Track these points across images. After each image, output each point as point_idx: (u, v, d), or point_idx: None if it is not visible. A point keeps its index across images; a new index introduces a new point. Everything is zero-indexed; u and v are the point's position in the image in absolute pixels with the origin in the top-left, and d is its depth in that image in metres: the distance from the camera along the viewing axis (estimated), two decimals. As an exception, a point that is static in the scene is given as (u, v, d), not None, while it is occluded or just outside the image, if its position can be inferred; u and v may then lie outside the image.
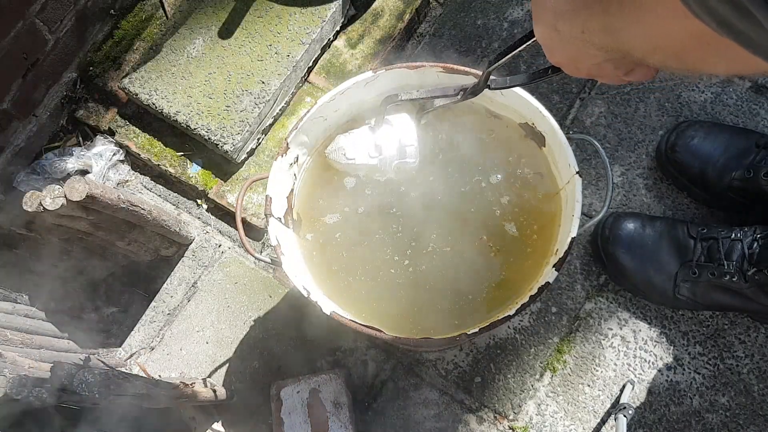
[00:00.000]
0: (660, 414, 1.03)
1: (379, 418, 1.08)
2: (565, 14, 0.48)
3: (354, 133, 0.90)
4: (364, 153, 0.88)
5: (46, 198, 0.91)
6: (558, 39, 0.51)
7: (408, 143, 0.88)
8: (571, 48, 0.50)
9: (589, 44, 0.47)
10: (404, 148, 0.88)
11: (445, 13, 1.33)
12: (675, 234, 1.02)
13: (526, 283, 0.87)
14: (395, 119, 0.89)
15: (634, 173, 1.16)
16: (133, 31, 1.33)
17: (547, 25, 0.51)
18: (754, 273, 0.93)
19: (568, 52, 0.52)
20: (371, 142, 0.88)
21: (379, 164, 0.89)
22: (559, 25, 0.49)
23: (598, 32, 0.44)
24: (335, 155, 0.89)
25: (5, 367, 0.81)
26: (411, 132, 0.89)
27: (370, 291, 0.91)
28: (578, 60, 0.51)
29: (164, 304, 1.20)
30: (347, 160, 0.88)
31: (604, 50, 0.46)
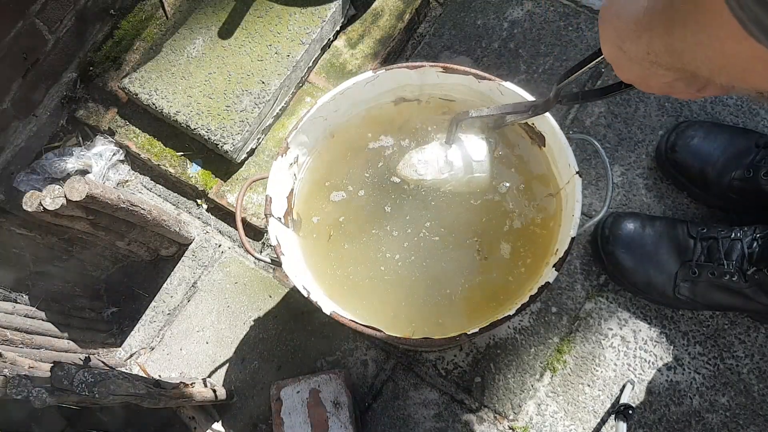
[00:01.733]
0: (660, 414, 1.03)
1: (379, 418, 1.08)
2: (629, 35, 0.48)
3: (426, 150, 0.91)
4: (435, 169, 0.90)
5: (46, 198, 0.91)
6: (625, 58, 0.51)
7: (478, 158, 0.89)
8: (639, 68, 0.50)
9: (656, 64, 0.47)
10: (474, 164, 0.89)
11: (445, 13, 1.33)
12: (675, 234, 1.02)
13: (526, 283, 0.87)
14: (465, 135, 0.90)
15: (634, 173, 1.16)
16: (133, 31, 1.33)
17: (612, 44, 0.52)
18: (754, 272, 0.93)
19: (636, 72, 0.52)
20: (442, 158, 0.89)
21: (450, 179, 0.90)
22: (624, 45, 0.50)
23: (663, 53, 0.44)
24: (407, 171, 0.90)
25: (5, 367, 0.81)
26: (481, 147, 0.89)
27: (370, 290, 0.91)
28: (648, 78, 0.51)
29: (164, 304, 1.20)
30: (418, 176, 0.90)
31: (673, 70, 0.46)
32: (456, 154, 0.89)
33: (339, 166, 0.97)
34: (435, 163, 0.90)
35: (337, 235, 0.94)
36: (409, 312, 0.90)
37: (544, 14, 1.28)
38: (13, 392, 0.76)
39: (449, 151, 0.90)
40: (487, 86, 0.86)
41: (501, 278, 0.90)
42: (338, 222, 0.95)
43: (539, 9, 1.29)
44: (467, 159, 0.89)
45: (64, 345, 1.05)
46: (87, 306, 1.18)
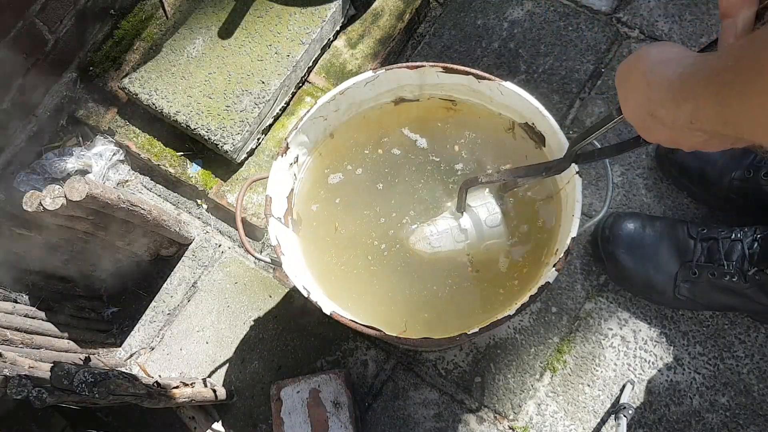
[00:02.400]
0: (660, 414, 1.03)
1: (379, 418, 1.08)
2: (664, 103, 0.46)
3: (437, 222, 0.90)
4: (450, 240, 0.88)
5: (46, 198, 0.91)
6: (655, 123, 0.49)
7: (492, 224, 0.87)
8: (672, 132, 0.49)
9: (698, 130, 0.45)
10: (489, 230, 0.87)
11: (445, 13, 1.33)
12: (675, 234, 1.02)
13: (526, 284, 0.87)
14: (475, 198, 0.89)
15: (634, 173, 1.16)
16: (133, 31, 1.33)
17: (640, 108, 0.50)
18: (755, 273, 0.93)
19: (667, 135, 0.50)
20: (455, 227, 0.88)
21: (466, 248, 0.88)
22: (657, 112, 0.48)
23: (714, 123, 0.42)
24: (421, 245, 0.89)
25: (5, 367, 0.81)
26: (494, 211, 0.88)
27: (370, 290, 0.91)
28: (680, 141, 0.49)
29: (164, 304, 1.20)
30: (433, 249, 0.88)
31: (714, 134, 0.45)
32: (469, 222, 0.88)
33: (338, 166, 0.97)
34: (449, 234, 0.88)
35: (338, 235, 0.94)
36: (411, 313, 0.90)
37: (544, 14, 1.28)
38: (13, 392, 0.76)
39: (461, 219, 0.89)
40: (487, 86, 0.86)
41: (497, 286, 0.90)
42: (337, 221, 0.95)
43: (539, 9, 1.29)
44: (480, 226, 0.88)
45: (64, 345, 1.04)
46: (87, 306, 1.18)
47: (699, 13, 1.24)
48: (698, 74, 0.42)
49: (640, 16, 1.26)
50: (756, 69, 0.35)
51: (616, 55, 1.23)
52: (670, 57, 0.48)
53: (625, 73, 0.52)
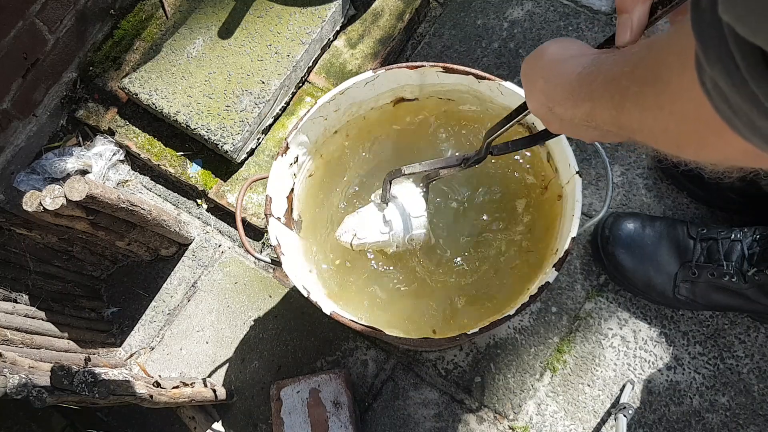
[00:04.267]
0: (660, 414, 1.03)
1: (379, 418, 1.08)
2: (561, 102, 0.47)
3: (361, 212, 0.89)
4: (375, 231, 0.87)
5: (46, 198, 0.91)
6: (555, 118, 0.51)
7: (416, 214, 0.86)
8: (571, 127, 0.50)
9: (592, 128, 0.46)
10: (413, 220, 0.86)
11: (445, 13, 1.33)
12: (675, 234, 1.02)
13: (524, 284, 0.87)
14: (399, 190, 0.88)
15: (634, 173, 1.16)
16: (133, 31, 1.33)
17: (540, 104, 0.51)
18: (754, 273, 0.93)
19: (568, 129, 0.52)
20: (380, 218, 0.87)
21: (390, 239, 0.87)
22: (555, 109, 0.49)
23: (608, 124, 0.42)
24: (346, 237, 0.87)
25: (5, 367, 0.80)
26: (418, 202, 0.87)
27: (371, 290, 0.91)
28: (579, 134, 0.51)
29: (164, 304, 1.20)
30: (359, 240, 0.87)
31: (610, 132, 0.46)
32: (393, 213, 0.87)
33: (338, 165, 0.97)
34: (373, 225, 0.87)
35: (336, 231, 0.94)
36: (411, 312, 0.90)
37: (544, 14, 1.28)
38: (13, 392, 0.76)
39: (386, 210, 0.87)
40: (487, 86, 0.86)
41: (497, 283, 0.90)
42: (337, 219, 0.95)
43: (539, 9, 1.29)
44: (404, 216, 0.86)
45: (64, 345, 1.04)
46: (87, 306, 1.18)
47: (699, 13, 1.24)
48: (595, 76, 0.42)
49: (640, 16, 1.25)
50: (651, 81, 0.35)
51: (616, 55, 1.23)
52: (569, 54, 0.49)
53: (527, 69, 0.53)
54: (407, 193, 0.88)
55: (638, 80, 0.37)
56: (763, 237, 0.94)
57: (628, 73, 0.38)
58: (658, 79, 0.35)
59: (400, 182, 0.88)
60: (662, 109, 0.35)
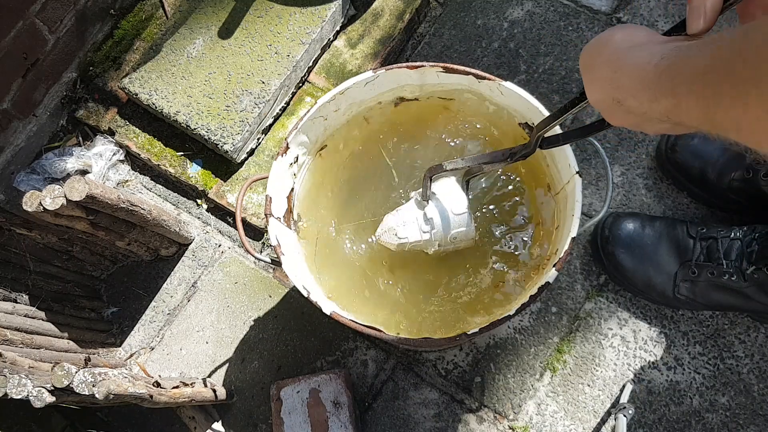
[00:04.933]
0: (660, 414, 1.03)
1: (379, 418, 1.08)
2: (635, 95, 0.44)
3: (401, 211, 0.86)
4: (416, 229, 0.85)
5: (46, 198, 0.91)
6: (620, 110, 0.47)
7: (458, 211, 0.83)
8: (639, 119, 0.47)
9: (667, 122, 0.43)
10: (455, 217, 0.83)
11: (445, 13, 1.33)
12: (674, 234, 1.02)
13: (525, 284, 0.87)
14: (440, 187, 0.85)
15: (634, 173, 1.16)
16: (133, 31, 1.33)
17: (605, 95, 0.48)
18: (753, 271, 0.93)
19: (634, 122, 0.48)
20: (420, 216, 0.85)
21: (432, 238, 0.85)
22: (626, 101, 0.45)
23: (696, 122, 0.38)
24: (386, 237, 0.85)
25: (5, 367, 0.81)
26: (459, 198, 0.84)
27: (371, 290, 0.92)
28: (645, 127, 0.48)
29: (164, 304, 1.20)
30: (399, 240, 0.84)
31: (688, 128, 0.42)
32: (434, 211, 0.84)
33: (338, 165, 0.97)
34: (414, 224, 0.84)
35: (337, 233, 0.94)
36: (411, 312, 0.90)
37: (544, 14, 1.28)
38: (13, 392, 0.76)
39: (427, 208, 0.84)
40: (487, 86, 0.86)
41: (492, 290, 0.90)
42: (337, 220, 0.95)
43: (539, 9, 1.29)
44: (446, 214, 0.83)
45: (64, 345, 1.04)
46: (87, 306, 1.18)
47: (699, 13, 1.24)
48: (679, 69, 0.39)
49: (640, 16, 1.26)
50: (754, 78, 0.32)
51: (616, 55, 1.23)
52: (638, 42, 0.46)
53: (589, 58, 0.50)
54: (448, 189, 0.85)
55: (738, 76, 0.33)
56: (762, 235, 0.94)
57: (722, 68, 0.34)
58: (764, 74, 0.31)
59: (440, 179, 0.85)
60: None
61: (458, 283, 0.90)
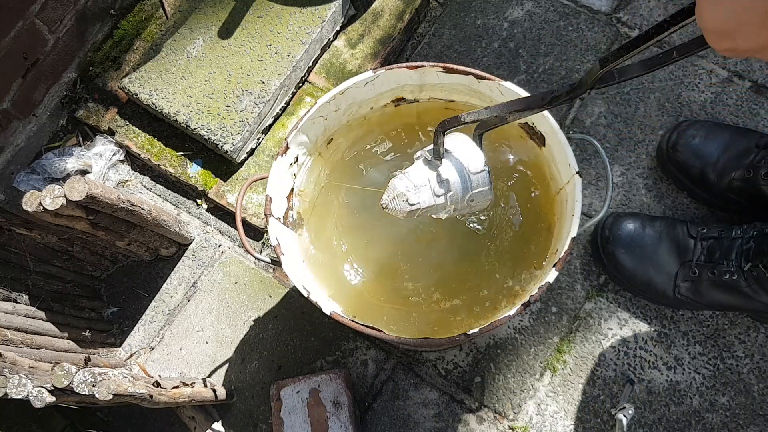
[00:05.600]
0: (660, 414, 1.03)
1: (379, 418, 1.08)
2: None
3: (410, 173, 0.76)
4: (428, 193, 0.75)
5: (46, 198, 0.91)
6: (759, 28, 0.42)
7: (476, 169, 0.74)
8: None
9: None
10: (473, 176, 0.75)
11: (445, 13, 1.33)
12: (675, 234, 1.02)
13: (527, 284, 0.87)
14: (453, 144, 0.76)
15: (634, 173, 1.16)
16: (133, 31, 1.33)
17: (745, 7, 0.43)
18: (751, 268, 0.92)
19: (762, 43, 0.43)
20: (433, 177, 0.75)
21: (447, 201, 0.76)
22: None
23: None
24: (395, 204, 0.75)
25: (5, 367, 0.81)
26: (476, 155, 0.75)
27: (371, 289, 0.92)
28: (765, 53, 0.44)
29: (164, 304, 1.20)
30: (410, 207, 0.75)
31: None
32: (450, 170, 0.75)
33: (338, 166, 0.97)
34: (427, 187, 0.75)
35: (337, 233, 0.94)
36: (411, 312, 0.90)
37: (544, 14, 1.28)
38: (13, 392, 0.76)
39: (441, 168, 0.75)
40: (487, 86, 0.86)
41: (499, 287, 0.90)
42: (337, 220, 0.95)
43: (539, 9, 1.29)
44: (462, 173, 0.75)
45: (64, 345, 1.04)
46: (87, 306, 1.18)
47: (699, 13, 1.24)
48: None
49: (640, 15, 1.26)
50: None
51: (616, 55, 1.23)
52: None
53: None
54: (462, 146, 0.75)
55: None
56: (760, 233, 0.94)
57: None
58: None
59: (452, 134, 0.75)
60: None
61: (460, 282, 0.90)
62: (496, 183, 0.94)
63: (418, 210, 0.75)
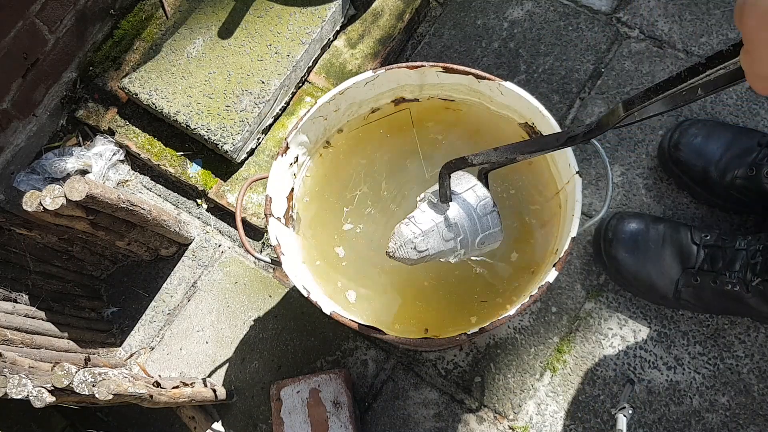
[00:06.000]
0: (660, 414, 1.03)
1: (379, 418, 1.08)
2: None
3: (416, 218, 0.72)
4: (437, 238, 0.72)
5: (46, 198, 0.91)
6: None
7: (485, 211, 0.72)
8: None
9: None
10: (483, 218, 0.72)
11: (445, 13, 1.33)
12: (678, 239, 1.01)
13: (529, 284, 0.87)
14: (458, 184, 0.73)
15: (634, 173, 1.16)
16: (133, 31, 1.33)
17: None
18: (759, 284, 0.92)
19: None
20: (441, 221, 0.72)
21: (457, 246, 0.73)
22: None
23: None
24: (403, 252, 0.72)
25: (5, 367, 0.81)
26: (484, 196, 0.72)
27: (371, 290, 0.92)
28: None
29: (164, 304, 1.20)
30: (420, 254, 0.72)
31: None
32: (458, 213, 0.72)
33: (338, 166, 0.97)
34: (436, 232, 0.72)
35: (337, 233, 0.94)
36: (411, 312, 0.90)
37: (544, 14, 1.28)
38: (13, 392, 0.76)
39: (448, 211, 0.72)
40: (487, 86, 0.86)
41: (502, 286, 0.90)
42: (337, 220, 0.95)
43: (539, 9, 1.29)
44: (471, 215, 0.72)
45: (64, 345, 1.04)
46: (87, 306, 1.18)
47: (699, 13, 1.24)
48: None
49: (640, 15, 1.26)
50: None
51: (616, 55, 1.23)
52: None
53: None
54: (468, 186, 0.72)
55: None
56: (766, 247, 0.93)
57: None
58: None
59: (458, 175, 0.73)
60: None
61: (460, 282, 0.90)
62: (496, 183, 0.94)
63: (427, 257, 0.73)
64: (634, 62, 1.22)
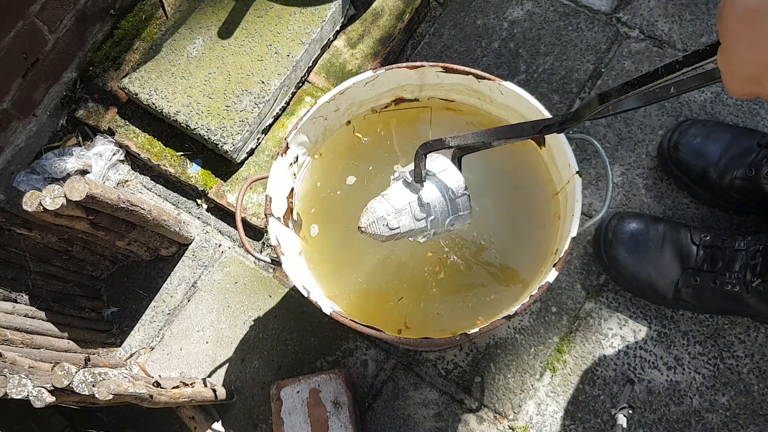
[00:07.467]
0: (660, 414, 1.03)
1: (379, 418, 1.08)
2: None
3: (390, 196, 0.74)
4: (409, 217, 0.73)
5: (46, 198, 0.91)
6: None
7: (457, 193, 0.73)
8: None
9: None
10: (454, 200, 0.74)
11: (445, 13, 1.33)
12: (678, 239, 1.02)
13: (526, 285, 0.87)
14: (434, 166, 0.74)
15: (634, 173, 1.16)
16: (133, 31, 1.33)
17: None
18: (759, 284, 0.92)
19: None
20: (414, 200, 0.73)
21: (428, 226, 0.74)
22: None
23: None
24: (375, 228, 0.73)
25: (5, 367, 0.81)
26: (457, 179, 0.74)
27: (371, 289, 0.92)
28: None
29: (164, 304, 1.20)
30: (391, 231, 0.72)
31: None
32: (432, 194, 0.73)
33: (338, 165, 0.97)
34: (408, 211, 0.73)
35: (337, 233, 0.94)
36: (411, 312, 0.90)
37: (544, 14, 1.28)
38: (13, 392, 0.76)
39: (422, 191, 0.73)
40: (487, 86, 0.86)
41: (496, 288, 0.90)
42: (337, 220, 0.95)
43: (539, 9, 1.29)
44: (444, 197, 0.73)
45: (64, 345, 1.04)
46: (87, 306, 1.18)
47: (699, 13, 1.24)
48: None
49: (640, 15, 1.26)
50: None
51: (615, 55, 1.23)
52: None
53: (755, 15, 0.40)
54: (442, 168, 0.74)
55: None
56: (766, 247, 0.94)
57: None
58: None
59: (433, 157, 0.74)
60: None
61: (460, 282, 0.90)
62: (496, 184, 0.94)
63: (398, 234, 0.74)
64: (634, 62, 1.22)
